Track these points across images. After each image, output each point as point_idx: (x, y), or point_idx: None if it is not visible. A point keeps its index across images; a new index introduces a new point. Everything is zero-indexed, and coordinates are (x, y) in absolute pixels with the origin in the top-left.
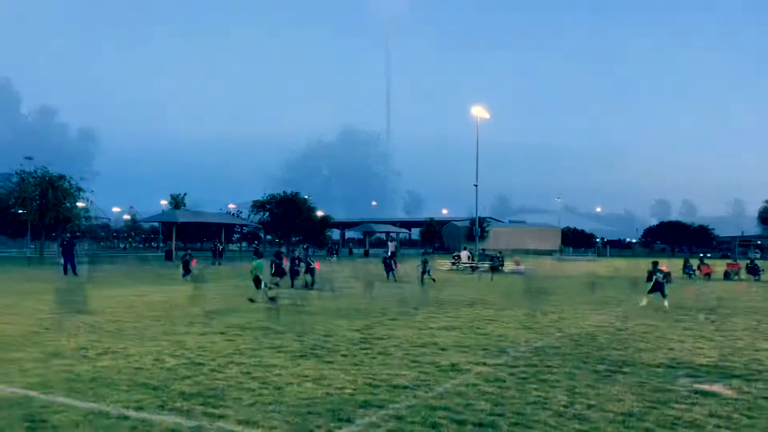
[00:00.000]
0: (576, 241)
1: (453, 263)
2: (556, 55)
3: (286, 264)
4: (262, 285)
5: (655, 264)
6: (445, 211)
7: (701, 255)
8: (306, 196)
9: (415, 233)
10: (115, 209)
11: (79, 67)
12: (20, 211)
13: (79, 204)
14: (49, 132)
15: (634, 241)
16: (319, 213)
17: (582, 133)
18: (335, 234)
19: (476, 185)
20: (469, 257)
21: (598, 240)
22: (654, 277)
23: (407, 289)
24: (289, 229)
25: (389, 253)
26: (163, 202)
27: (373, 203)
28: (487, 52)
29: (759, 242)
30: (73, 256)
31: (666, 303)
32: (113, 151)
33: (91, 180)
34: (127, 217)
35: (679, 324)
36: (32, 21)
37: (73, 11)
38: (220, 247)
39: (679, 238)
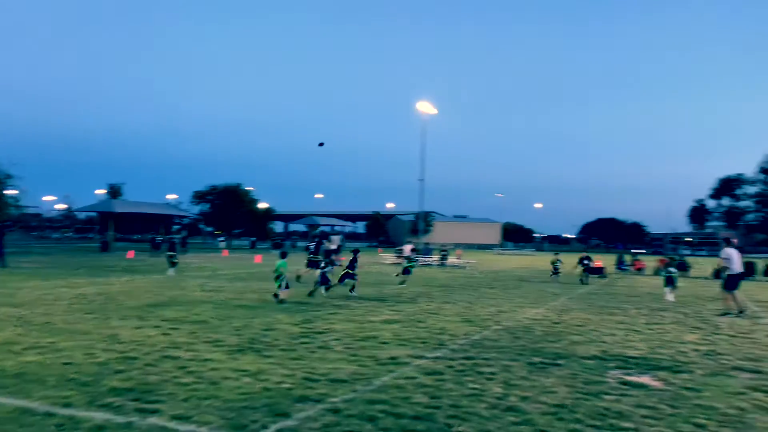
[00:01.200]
0: (516, 235)
1: (397, 257)
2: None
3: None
4: (283, 282)
5: (670, 261)
6: (390, 205)
7: (633, 251)
8: (248, 188)
9: (361, 227)
10: (47, 198)
11: (12, 53)
12: None
13: (9, 192)
14: None
15: (572, 236)
16: (263, 205)
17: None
18: (278, 226)
19: (421, 180)
20: (412, 251)
21: (537, 235)
22: (663, 273)
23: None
24: (229, 221)
25: (335, 247)
26: (101, 191)
27: (319, 195)
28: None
29: (689, 239)
30: (2, 245)
31: (672, 295)
32: (45, 138)
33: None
34: (62, 206)
35: (611, 317)
36: None
37: None
38: (159, 239)
39: (614, 233)
